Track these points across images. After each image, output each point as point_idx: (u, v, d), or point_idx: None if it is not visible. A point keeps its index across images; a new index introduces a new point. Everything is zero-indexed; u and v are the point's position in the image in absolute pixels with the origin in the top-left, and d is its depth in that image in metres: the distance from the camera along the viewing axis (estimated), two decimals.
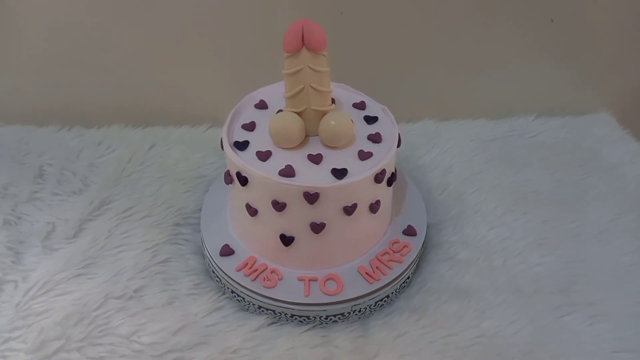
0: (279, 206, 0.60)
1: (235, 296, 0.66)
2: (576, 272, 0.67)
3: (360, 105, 0.70)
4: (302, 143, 0.64)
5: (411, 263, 0.67)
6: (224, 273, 0.65)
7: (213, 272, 0.68)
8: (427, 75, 0.90)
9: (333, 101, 0.68)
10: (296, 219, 0.61)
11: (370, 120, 0.68)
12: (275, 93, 0.71)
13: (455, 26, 0.86)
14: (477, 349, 0.59)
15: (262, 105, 0.70)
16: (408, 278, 0.68)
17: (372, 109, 0.70)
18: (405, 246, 0.68)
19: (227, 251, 0.67)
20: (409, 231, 0.70)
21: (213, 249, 0.67)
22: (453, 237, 0.73)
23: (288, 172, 0.60)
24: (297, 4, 0.79)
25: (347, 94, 0.71)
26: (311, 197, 0.58)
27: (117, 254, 0.70)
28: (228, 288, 0.66)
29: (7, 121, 0.88)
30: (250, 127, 0.66)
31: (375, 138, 0.65)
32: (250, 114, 0.68)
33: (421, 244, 0.69)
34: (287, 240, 0.63)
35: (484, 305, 0.64)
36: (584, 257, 0.69)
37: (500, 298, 0.64)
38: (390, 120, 0.67)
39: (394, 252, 0.67)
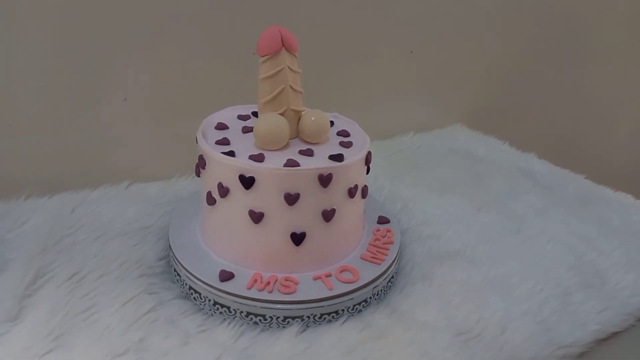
0: (292, 198, 0.59)
1: (252, 318, 0.60)
2: (509, 215, 0.82)
3: None
4: (286, 145, 0.65)
5: (400, 244, 0.71)
6: (235, 296, 0.59)
7: (215, 304, 0.61)
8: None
9: None
10: (308, 210, 0.61)
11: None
12: (229, 115, 0.72)
13: (340, 68, 1.00)
14: (493, 289, 0.66)
15: (222, 127, 0.69)
16: (397, 259, 0.72)
17: None
18: (388, 230, 0.72)
19: (227, 276, 0.61)
20: (382, 220, 0.74)
21: (211, 278, 0.61)
22: (412, 221, 0.80)
23: (293, 163, 0.60)
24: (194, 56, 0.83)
25: None
26: (325, 180, 0.60)
27: (91, 316, 0.57)
28: (242, 312, 0.60)
29: None
30: (224, 142, 0.65)
31: (343, 133, 0.70)
32: (215, 135, 0.67)
33: (398, 228, 0.74)
34: (298, 238, 0.61)
35: (473, 254, 0.72)
36: (508, 208, 0.84)
37: (480, 246, 0.73)
38: (347, 121, 0.74)
39: (382, 237, 0.71)
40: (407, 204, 0.85)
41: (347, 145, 0.67)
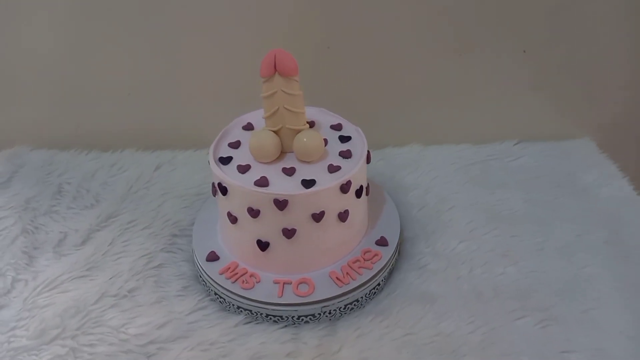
0: (253, 213, 0.67)
1: (217, 297, 0.72)
2: (535, 282, 0.70)
3: (337, 127, 0.77)
4: (279, 158, 0.71)
5: (380, 270, 0.72)
6: (208, 276, 0.72)
7: (200, 276, 0.75)
8: (414, 104, 0.97)
9: (313, 124, 0.77)
10: (270, 225, 0.68)
11: (344, 139, 0.75)
12: (261, 116, 0.79)
13: (437, 58, 0.93)
14: (433, 346, 0.63)
15: (249, 127, 0.78)
16: (379, 285, 0.73)
17: (347, 129, 0.77)
18: (375, 255, 0.73)
19: (212, 257, 0.74)
20: (381, 242, 0.75)
21: (201, 254, 0.75)
22: (425, 250, 0.78)
23: (263, 182, 0.67)
24: (287, 41, 0.88)
25: (326, 117, 0.79)
26: (280, 204, 0.65)
27: (117, 260, 0.78)
28: (212, 290, 0.73)
29: (37, 146, 0.99)
30: (235, 145, 0.75)
31: (345, 154, 0.72)
32: (237, 134, 0.77)
33: (391, 254, 0.74)
34: (263, 245, 0.69)
35: (444, 309, 0.68)
36: (545, 269, 0.72)
37: (460, 302, 0.68)
38: (361, 140, 0.74)
39: (364, 260, 0.73)
40: (439, 227, 0.81)
41: (334, 170, 0.69)
